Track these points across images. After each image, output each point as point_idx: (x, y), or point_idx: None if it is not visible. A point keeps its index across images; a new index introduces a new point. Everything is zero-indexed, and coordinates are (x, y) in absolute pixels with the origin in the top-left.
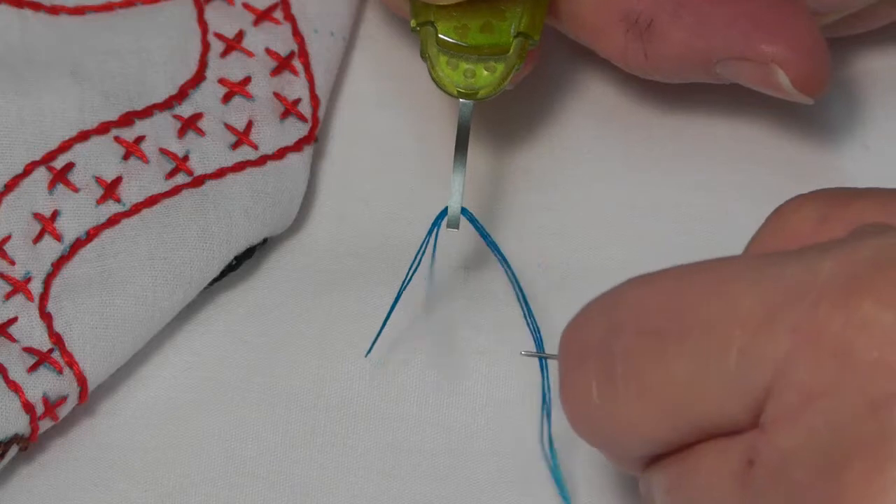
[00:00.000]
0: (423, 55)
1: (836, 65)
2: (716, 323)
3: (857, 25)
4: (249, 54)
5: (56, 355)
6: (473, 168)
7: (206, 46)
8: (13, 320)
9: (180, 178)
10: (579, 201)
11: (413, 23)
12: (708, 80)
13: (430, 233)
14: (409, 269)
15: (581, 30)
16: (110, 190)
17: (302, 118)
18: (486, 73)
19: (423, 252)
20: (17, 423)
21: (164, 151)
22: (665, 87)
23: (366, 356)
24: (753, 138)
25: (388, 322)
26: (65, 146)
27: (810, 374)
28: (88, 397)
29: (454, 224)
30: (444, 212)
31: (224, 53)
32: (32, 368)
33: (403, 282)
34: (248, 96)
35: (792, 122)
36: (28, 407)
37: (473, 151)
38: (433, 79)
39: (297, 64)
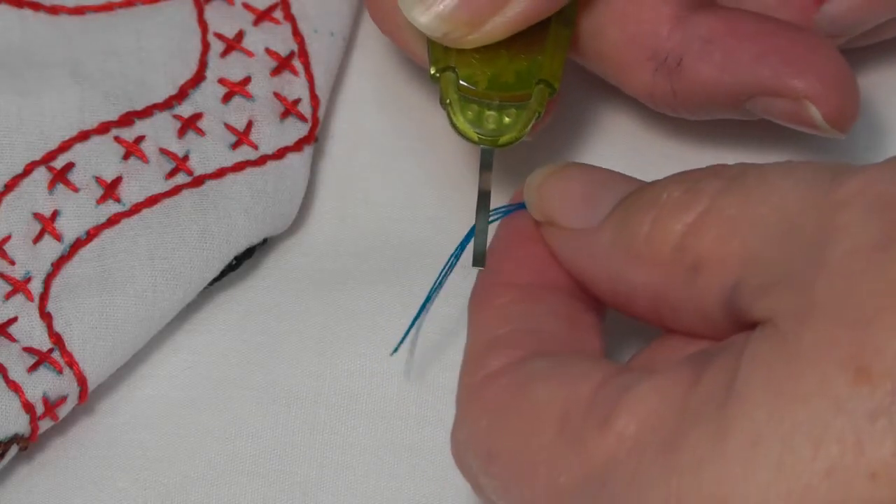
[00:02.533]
0: (443, 102)
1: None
2: None
3: (863, 41)
4: (249, 54)
5: (56, 355)
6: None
7: (206, 46)
8: (13, 320)
9: (180, 178)
10: None
11: (433, 69)
12: (736, 117)
13: (448, 264)
14: (428, 296)
15: (608, 68)
16: (110, 190)
17: (302, 118)
18: (507, 120)
19: (442, 279)
20: (17, 422)
21: (164, 151)
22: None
23: (392, 354)
24: (788, 144)
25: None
26: (65, 146)
27: None
28: (88, 397)
29: (480, 263)
30: (466, 239)
31: (224, 53)
32: (32, 368)
33: (423, 305)
34: (248, 96)
35: (818, 154)
36: (28, 407)
37: (494, 173)
38: (453, 125)
39: (297, 64)
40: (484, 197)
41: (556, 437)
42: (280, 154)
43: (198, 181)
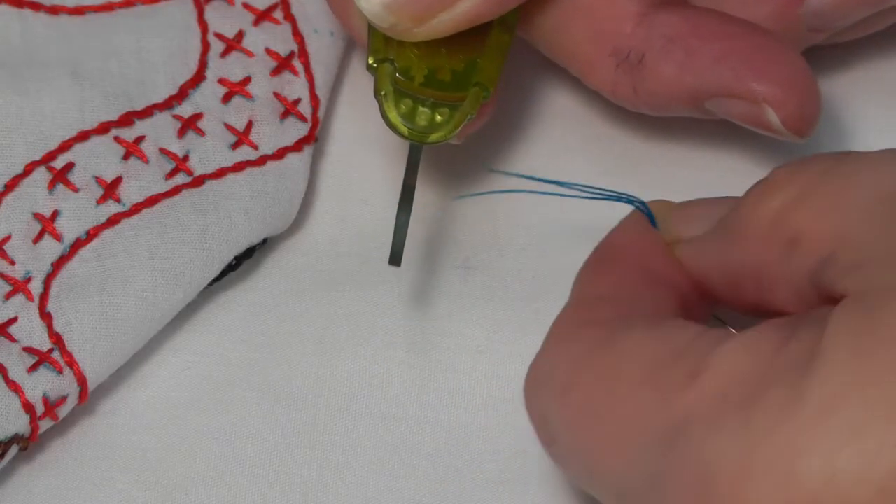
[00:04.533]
0: (377, 93)
1: (837, 65)
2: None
3: (851, 34)
4: (249, 54)
5: (56, 355)
6: (454, 180)
7: (206, 46)
8: (13, 320)
9: (180, 178)
10: (556, 218)
11: (371, 59)
12: (696, 116)
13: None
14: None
15: (571, 62)
16: (110, 190)
17: (302, 118)
18: (439, 118)
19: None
20: (17, 422)
21: (164, 151)
22: (647, 117)
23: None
24: (748, 143)
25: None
26: (65, 146)
27: None
28: (88, 397)
29: (396, 262)
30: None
31: (224, 53)
32: (32, 368)
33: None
34: (248, 96)
35: (782, 153)
36: (28, 407)
37: (457, 160)
38: (384, 117)
39: (297, 64)
40: (407, 192)
41: (640, 382)
42: (280, 154)
43: (198, 181)
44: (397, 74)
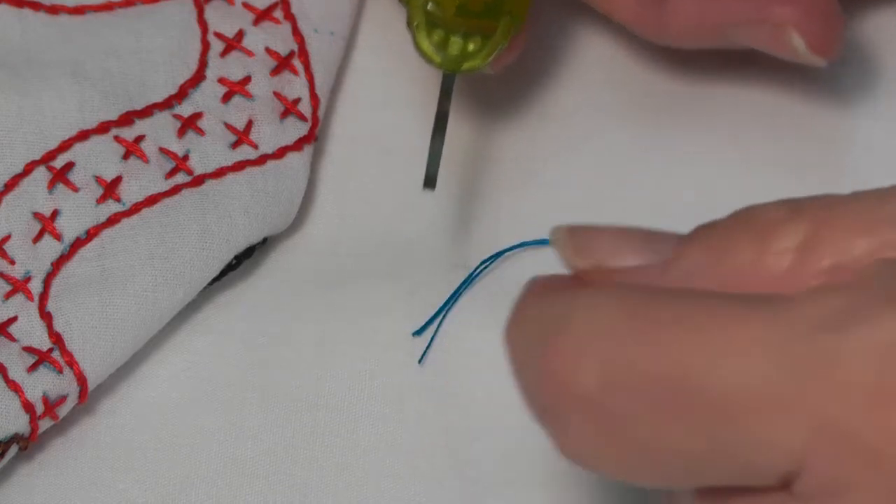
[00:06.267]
0: (409, 24)
1: (852, 29)
2: (722, 402)
3: None
4: (249, 54)
5: (56, 355)
6: (468, 140)
7: (205, 46)
8: (13, 320)
9: (180, 178)
10: (579, 173)
11: None
12: (721, 46)
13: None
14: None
15: None
16: (110, 189)
17: (302, 117)
18: (471, 47)
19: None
20: (17, 422)
21: (163, 151)
22: (672, 53)
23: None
24: (764, 106)
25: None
26: (65, 146)
27: (833, 469)
28: (88, 397)
29: (431, 185)
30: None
31: (224, 53)
32: (32, 368)
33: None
34: (248, 96)
35: (806, 87)
36: (28, 406)
37: (470, 121)
38: (416, 48)
39: (297, 63)
40: (441, 119)
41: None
42: (280, 153)
43: (198, 181)
44: (429, 6)
